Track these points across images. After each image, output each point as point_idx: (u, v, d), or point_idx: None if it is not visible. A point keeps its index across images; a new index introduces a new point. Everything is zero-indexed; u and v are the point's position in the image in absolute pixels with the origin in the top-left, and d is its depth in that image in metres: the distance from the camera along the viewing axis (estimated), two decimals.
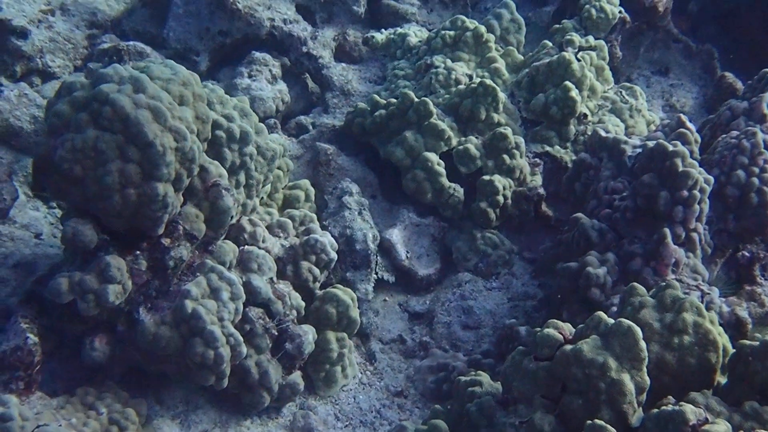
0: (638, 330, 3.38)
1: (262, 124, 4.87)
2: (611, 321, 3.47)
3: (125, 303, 4.00)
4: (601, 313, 3.55)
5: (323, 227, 5.29)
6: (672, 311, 3.63)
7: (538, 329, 3.75)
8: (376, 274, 5.42)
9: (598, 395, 3.35)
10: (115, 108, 3.70)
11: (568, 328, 3.68)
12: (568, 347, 3.47)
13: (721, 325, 3.74)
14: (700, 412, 3.18)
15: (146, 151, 3.76)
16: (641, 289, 3.82)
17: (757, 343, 3.48)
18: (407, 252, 5.62)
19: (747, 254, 4.94)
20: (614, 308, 4.33)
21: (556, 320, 3.75)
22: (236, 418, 4.52)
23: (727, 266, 5.00)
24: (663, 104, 7.21)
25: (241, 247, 4.57)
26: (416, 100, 5.68)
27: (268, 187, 5.10)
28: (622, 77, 7.20)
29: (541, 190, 5.84)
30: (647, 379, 3.38)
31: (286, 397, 4.59)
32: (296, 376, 4.60)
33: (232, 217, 4.38)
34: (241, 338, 4.18)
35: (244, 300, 4.29)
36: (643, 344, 3.36)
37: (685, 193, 4.61)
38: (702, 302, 3.89)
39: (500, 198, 5.69)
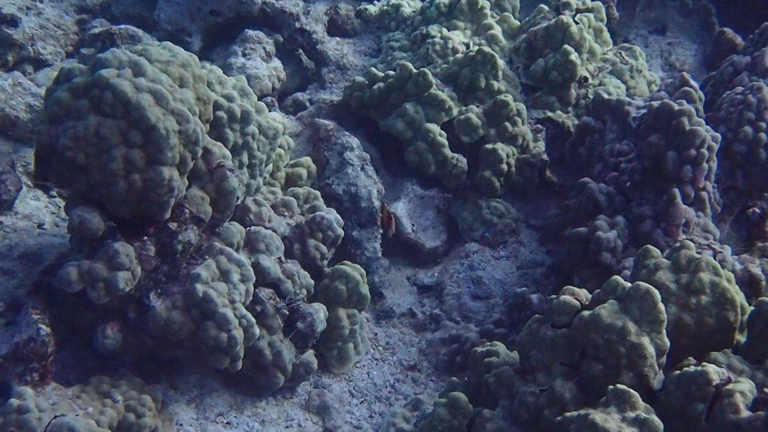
0: (656, 292, 3.35)
1: (261, 103, 4.81)
2: (628, 285, 3.43)
3: (135, 289, 3.96)
4: (618, 277, 3.52)
5: (327, 185, 5.28)
6: (688, 272, 3.60)
7: (553, 297, 3.73)
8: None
9: (618, 360, 3.33)
10: (115, 93, 3.63)
11: (584, 294, 3.65)
12: (586, 313, 3.43)
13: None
14: (723, 372, 3.18)
15: (149, 135, 3.70)
16: (655, 251, 3.78)
17: None
18: (413, 225, 5.58)
19: (758, 210, 4.92)
20: (626, 272, 4.29)
21: (571, 287, 3.72)
22: (251, 399, 4.51)
23: (738, 224, 4.98)
24: (662, 63, 7.15)
25: (248, 228, 4.53)
26: (415, 71, 5.61)
27: (271, 166, 5.05)
28: (620, 38, 7.13)
29: (545, 157, 5.79)
30: (667, 341, 3.36)
31: (300, 376, 4.57)
32: (309, 355, 4.58)
33: (237, 198, 4.33)
34: (253, 320, 4.15)
35: (254, 281, 4.26)
36: (662, 306, 3.34)
37: (693, 152, 4.57)
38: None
39: (504, 166, 5.63)
